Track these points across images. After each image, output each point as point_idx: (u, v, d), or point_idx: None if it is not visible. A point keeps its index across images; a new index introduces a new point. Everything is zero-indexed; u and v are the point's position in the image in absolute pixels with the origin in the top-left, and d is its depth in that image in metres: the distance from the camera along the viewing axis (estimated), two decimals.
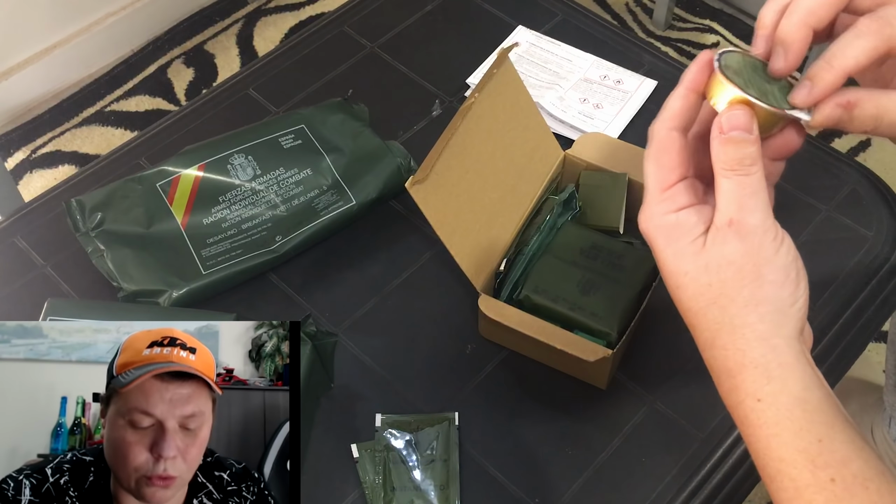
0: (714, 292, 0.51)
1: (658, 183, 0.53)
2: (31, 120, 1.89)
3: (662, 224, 0.53)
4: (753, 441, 0.51)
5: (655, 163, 0.54)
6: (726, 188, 0.51)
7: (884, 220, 0.91)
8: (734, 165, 0.51)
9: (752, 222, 0.51)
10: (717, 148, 0.52)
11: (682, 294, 0.52)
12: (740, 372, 0.51)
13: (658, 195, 0.53)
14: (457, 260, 0.75)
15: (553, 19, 1.10)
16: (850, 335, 0.84)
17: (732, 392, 0.51)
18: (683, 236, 0.52)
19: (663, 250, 0.53)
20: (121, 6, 1.95)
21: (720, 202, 0.51)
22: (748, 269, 0.51)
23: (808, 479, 0.49)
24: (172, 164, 0.89)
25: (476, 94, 0.76)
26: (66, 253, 0.89)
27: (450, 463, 0.75)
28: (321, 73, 1.05)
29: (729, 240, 0.51)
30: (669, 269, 0.53)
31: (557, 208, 0.84)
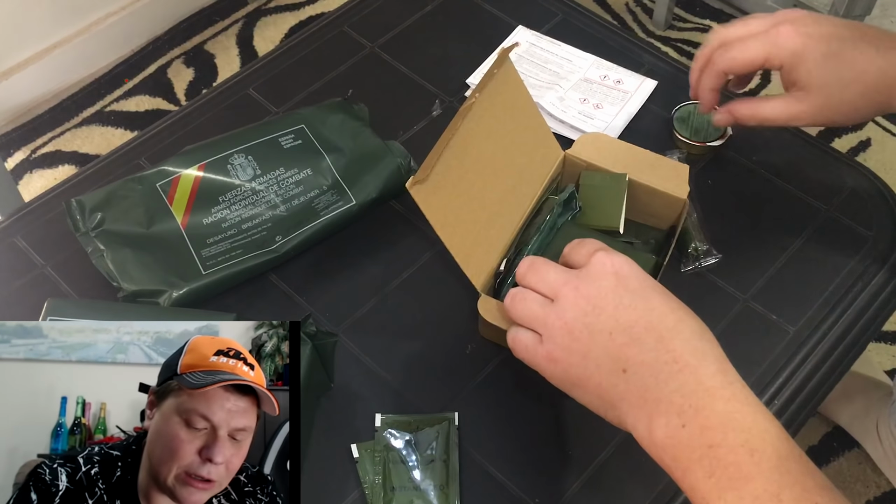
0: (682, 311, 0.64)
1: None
2: (31, 120, 1.89)
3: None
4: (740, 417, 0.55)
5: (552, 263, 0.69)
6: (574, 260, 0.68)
7: (884, 220, 0.91)
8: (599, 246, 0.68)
9: None
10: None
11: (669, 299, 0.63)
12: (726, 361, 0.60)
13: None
14: (457, 260, 0.75)
15: (553, 19, 1.10)
16: (850, 335, 0.84)
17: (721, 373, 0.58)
18: None
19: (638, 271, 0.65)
20: (121, 6, 1.95)
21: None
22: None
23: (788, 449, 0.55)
24: (172, 164, 0.89)
25: (476, 94, 0.76)
26: (66, 253, 0.89)
27: (449, 463, 0.75)
28: (321, 73, 1.05)
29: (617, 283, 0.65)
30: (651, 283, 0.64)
31: (557, 208, 0.84)
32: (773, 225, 0.91)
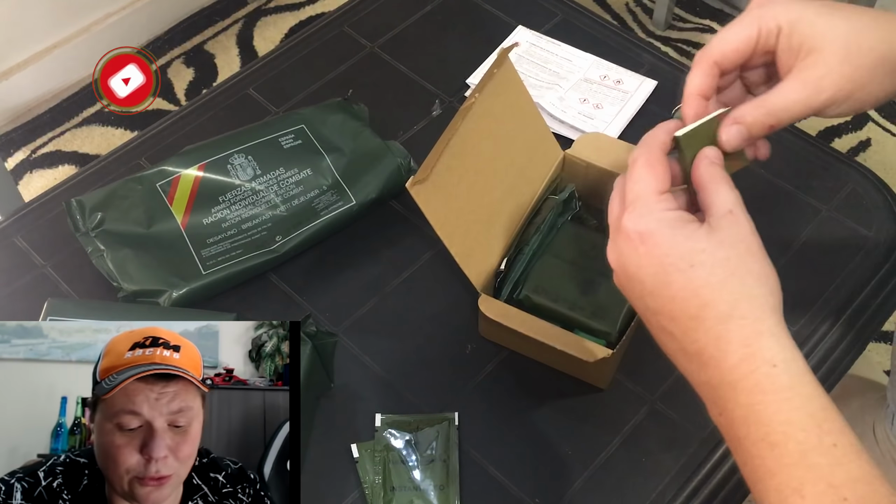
0: (732, 265, 0.54)
1: (656, 186, 0.57)
2: (31, 120, 1.89)
3: (665, 217, 0.56)
4: (760, 409, 0.52)
5: (652, 169, 0.58)
6: (724, 191, 0.58)
7: (884, 220, 0.91)
8: (724, 178, 0.59)
9: (744, 215, 0.57)
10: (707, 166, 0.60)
11: (698, 272, 0.54)
12: (758, 338, 0.53)
13: (656, 196, 0.57)
14: (457, 260, 0.75)
15: (553, 19, 1.10)
16: (850, 335, 0.84)
17: (744, 362, 0.53)
18: (689, 224, 0.56)
19: (672, 236, 0.55)
20: (121, 6, 1.95)
21: (719, 201, 0.57)
22: (754, 248, 0.55)
23: (814, 441, 0.51)
24: (172, 164, 0.89)
25: (476, 94, 0.76)
26: (66, 253, 0.89)
27: (449, 463, 0.75)
28: (321, 73, 1.05)
29: (733, 224, 0.56)
30: (682, 252, 0.55)
31: (557, 208, 0.84)
32: (773, 225, 0.91)
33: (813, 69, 0.61)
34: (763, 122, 0.62)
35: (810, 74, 0.61)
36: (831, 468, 0.50)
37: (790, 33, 0.62)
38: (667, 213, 0.56)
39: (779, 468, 0.51)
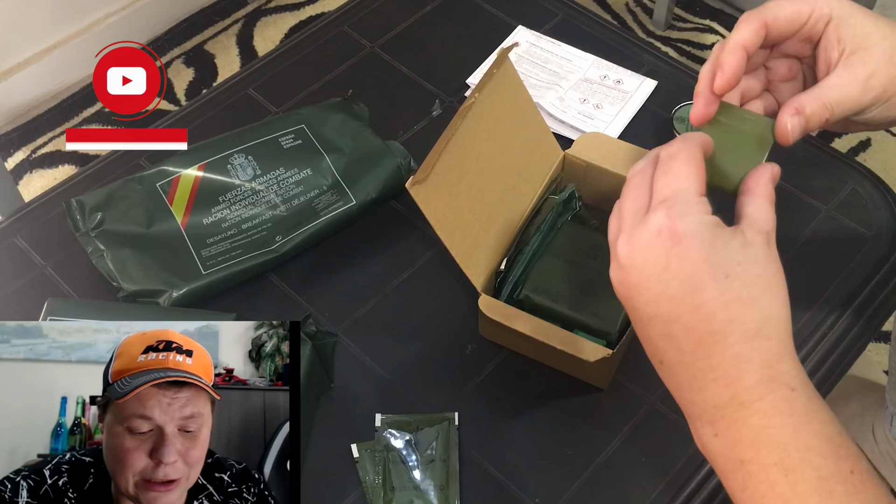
0: (764, 283, 0.52)
1: (697, 187, 0.54)
2: (31, 120, 1.89)
3: (707, 221, 0.53)
4: (775, 433, 0.51)
5: (695, 170, 0.55)
6: (771, 209, 0.56)
7: (884, 220, 0.91)
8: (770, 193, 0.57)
9: (774, 243, 0.55)
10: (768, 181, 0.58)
11: (734, 284, 0.51)
12: (780, 360, 0.52)
13: (696, 197, 0.54)
14: (457, 260, 0.75)
15: (553, 19, 1.10)
16: (850, 335, 0.84)
17: (762, 384, 0.51)
18: (726, 233, 0.53)
19: (712, 242, 0.52)
20: (121, 6, 1.95)
21: (762, 215, 0.55)
22: (781, 272, 0.54)
23: (832, 468, 0.49)
24: (172, 164, 0.89)
25: (476, 94, 0.76)
26: (66, 253, 0.89)
27: (449, 463, 0.75)
28: (321, 73, 1.05)
29: (768, 243, 0.54)
30: (720, 261, 0.52)
31: (557, 208, 0.84)
32: None
33: (861, 66, 0.60)
34: (820, 115, 0.61)
35: (860, 71, 0.61)
36: (849, 496, 0.49)
37: (839, 25, 0.61)
38: (707, 216, 0.53)
39: (792, 495, 0.49)
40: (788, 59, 0.66)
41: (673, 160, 0.55)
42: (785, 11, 0.61)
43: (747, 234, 0.53)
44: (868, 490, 0.49)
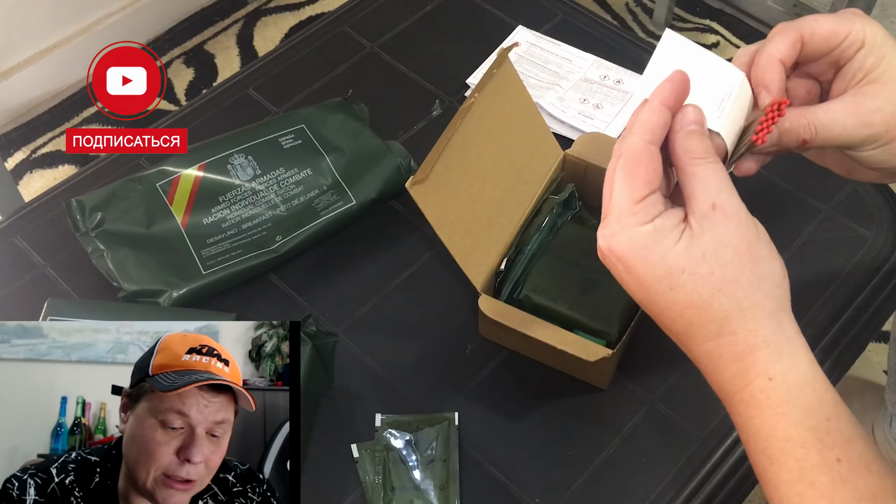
0: (717, 279, 0.50)
1: (630, 195, 0.52)
2: (31, 120, 1.89)
3: (637, 235, 0.51)
4: (757, 423, 0.50)
5: (629, 173, 0.52)
6: (702, 175, 0.51)
7: (884, 220, 0.91)
8: (703, 154, 0.52)
9: (733, 203, 0.51)
10: (684, 139, 0.53)
11: (679, 294, 0.51)
12: (752, 353, 0.50)
13: (629, 207, 0.51)
14: (457, 260, 0.75)
15: (553, 19, 1.10)
16: (850, 335, 0.84)
17: (738, 376, 0.51)
18: (666, 238, 0.51)
19: (645, 260, 0.51)
20: (121, 6, 1.95)
21: (696, 191, 0.51)
22: (743, 248, 0.51)
23: (815, 458, 0.49)
24: (172, 164, 0.89)
25: (476, 94, 0.76)
26: (66, 253, 0.89)
27: (449, 463, 0.75)
28: (321, 73, 1.05)
29: (718, 223, 0.50)
30: (659, 275, 0.51)
31: (557, 208, 0.84)
32: (772, 225, 0.90)
33: (870, 99, 0.58)
34: (797, 131, 0.58)
35: (866, 103, 0.58)
36: (833, 486, 0.48)
37: (868, 52, 0.58)
38: (638, 229, 0.51)
39: (779, 483, 0.50)
40: (809, 80, 0.62)
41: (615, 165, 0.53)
42: (822, 29, 0.58)
43: (693, 226, 0.51)
44: (858, 479, 0.48)
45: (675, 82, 0.53)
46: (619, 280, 0.54)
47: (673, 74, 0.53)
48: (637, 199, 0.51)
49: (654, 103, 0.53)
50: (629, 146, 0.52)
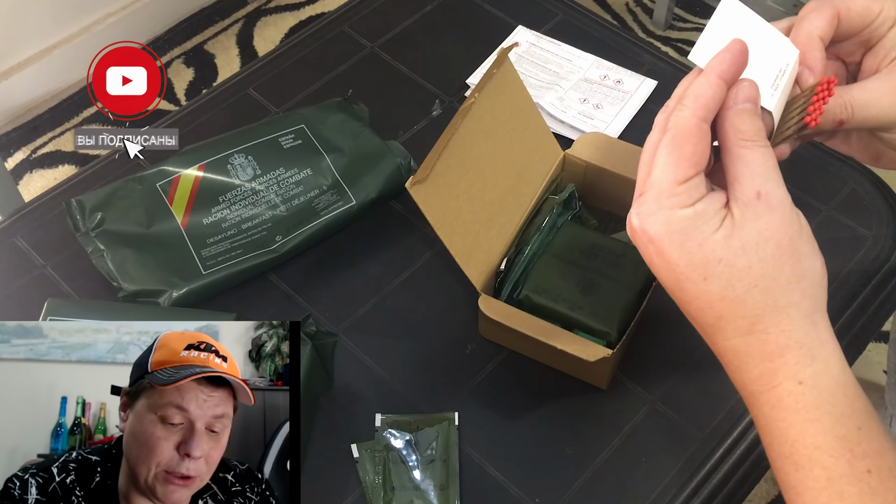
0: (755, 274, 0.48)
1: (674, 175, 0.48)
2: (31, 120, 1.89)
3: (675, 219, 0.48)
4: (783, 427, 0.48)
5: (675, 154, 0.48)
6: (750, 159, 0.48)
7: (884, 220, 0.91)
8: (754, 136, 0.49)
9: (779, 193, 0.49)
10: (736, 119, 0.49)
11: (712, 285, 0.48)
12: (782, 354, 0.48)
13: (671, 188, 0.48)
14: (457, 260, 0.75)
15: (553, 19, 1.10)
16: (850, 335, 0.84)
17: (765, 376, 0.49)
18: (706, 225, 0.48)
19: (682, 245, 0.48)
20: (121, 6, 1.95)
21: (743, 176, 0.48)
22: (785, 243, 0.48)
23: (844, 468, 0.47)
24: (172, 164, 0.89)
25: (476, 94, 0.76)
26: (66, 253, 0.89)
27: (450, 463, 0.75)
28: (321, 73, 1.05)
29: (761, 214, 0.48)
30: (694, 262, 0.48)
31: (557, 208, 0.84)
32: None
33: None
34: (835, 112, 0.54)
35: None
36: (862, 498, 0.46)
37: None
38: (678, 212, 0.48)
39: (804, 490, 0.48)
40: (836, 62, 0.60)
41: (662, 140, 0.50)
42: (857, 5, 0.55)
43: (735, 214, 0.48)
44: (889, 492, 0.46)
45: (734, 53, 0.49)
46: (647, 262, 0.50)
47: (732, 44, 0.49)
48: (681, 180, 0.48)
49: (711, 76, 0.49)
50: (680, 121, 0.49)
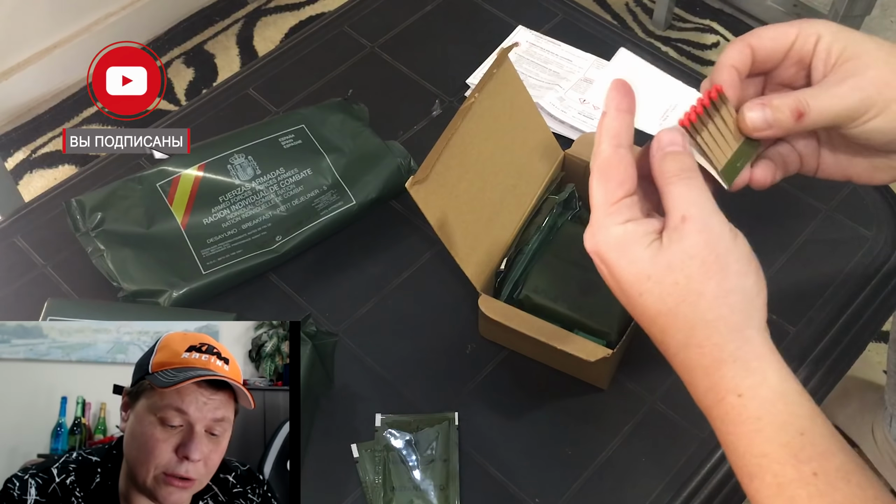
0: (681, 290, 0.51)
1: (605, 198, 0.53)
2: (31, 120, 1.89)
3: (612, 236, 0.53)
4: (733, 439, 0.51)
5: (602, 178, 0.54)
6: (676, 192, 0.52)
7: (884, 220, 0.91)
8: (678, 172, 0.53)
9: (705, 217, 0.52)
10: (660, 161, 0.54)
11: (647, 300, 0.52)
12: (718, 368, 0.51)
13: (605, 209, 0.53)
14: (457, 260, 0.75)
15: (553, 19, 1.10)
16: (850, 335, 0.84)
17: (710, 391, 0.51)
18: (637, 243, 0.52)
19: (617, 262, 0.52)
20: (121, 6, 1.95)
21: (669, 205, 0.52)
22: (711, 260, 0.51)
23: (791, 473, 0.49)
24: (172, 164, 0.89)
25: (476, 94, 0.76)
26: (66, 253, 0.89)
27: (450, 463, 0.75)
28: (321, 73, 1.05)
29: (686, 234, 0.51)
30: (628, 279, 0.52)
31: (557, 208, 0.84)
32: (772, 225, 0.91)
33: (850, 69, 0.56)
34: (790, 106, 0.56)
35: (847, 73, 0.56)
36: (811, 500, 0.48)
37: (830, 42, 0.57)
38: (612, 229, 0.53)
39: (761, 498, 0.50)
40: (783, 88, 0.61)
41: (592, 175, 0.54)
42: (769, 32, 0.59)
43: (663, 237, 0.52)
44: (836, 492, 0.48)
45: (618, 89, 0.55)
46: (605, 282, 0.55)
47: (612, 83, 0.55)
48: (612, 201, 0.53)
49: (611, 111, 0.55)
50: (600, 154, 0.54)
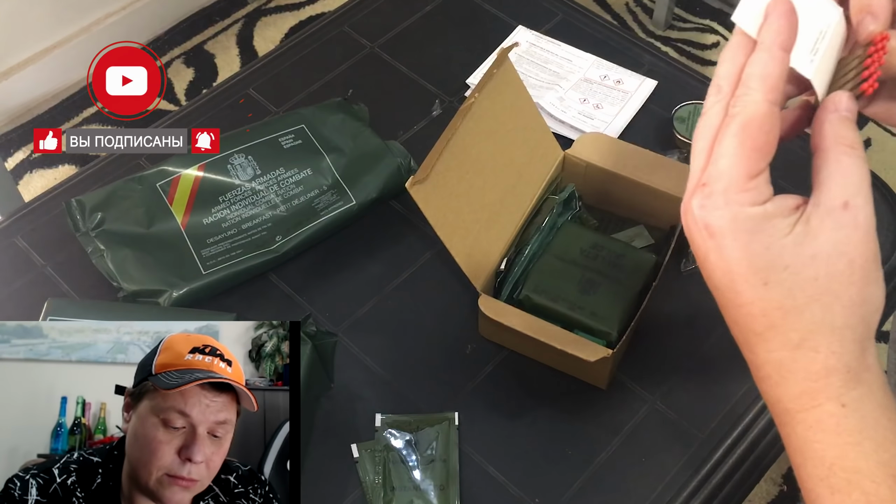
0: (818, 288, 0.44)
1: (745, 168, 0.44)
2: (31, 120, 1.89)
3: (744, 216, 0.44)
4: (821, 448, 0.46)
5: (748, 142, 0.44)
6: (847, 166, 0.45)
7: (884, 220, 0.91)
8: (854, 144, 0.46)
9: (868, 210, 0.45)
10: (839, 124, 0.46)
11: (772, 292, 0.44)
12: (827, 375, 0.45)
13: (742, 183, 0.44)
14: (457, 260, 0.75)
15: (553, 19, 1.10)
16: None
17: (805, 395, 0.46)
18: (776, 228, 0.44)
19: (746, 245, 0.44)
20: (121, 6, 1.95)
21: (834, 181, 0.45)
22: (858, 263, 0.44)
23: (885, 494, 0.45)
24: (172, 164, 0.89)
25: (476, 94, 0.76)
26: (66, 253, 0.89)
27: (450, 463, 0.75)
28: (321, 73, 1.05)
29: (843, 225, 0.44)
30: (757, 265, 0.44)
31: (557, 208, 0.84)
32: None
33: None
34: None
35: None
36: None
37: None
38: (747, 210, 0.44)
39: None
40: None
41: (727, 128, 0.45)
42: None
43: (812, 220, 0.44)
44: None
45: (787, 17, 0.44)
46: (700, 258, 0.47)
47: (779, 6, 0.45)
48: (753, 174, 0.44)
49: (774, 50, 0.44)
50: (750, 106, 0.44)
